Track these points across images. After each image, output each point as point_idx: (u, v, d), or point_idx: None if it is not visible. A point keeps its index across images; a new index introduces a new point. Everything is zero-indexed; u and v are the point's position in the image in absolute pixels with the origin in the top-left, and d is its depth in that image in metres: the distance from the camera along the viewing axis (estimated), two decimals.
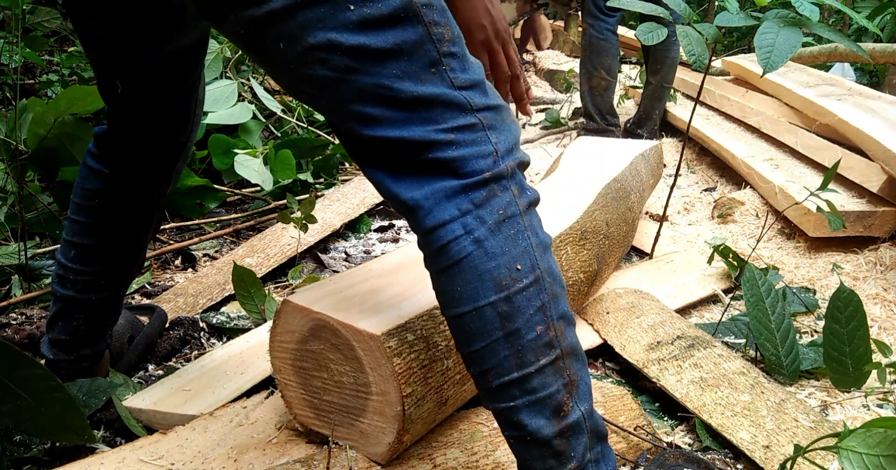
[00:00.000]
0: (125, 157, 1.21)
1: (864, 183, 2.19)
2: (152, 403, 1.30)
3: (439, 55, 0.80)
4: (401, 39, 0.77)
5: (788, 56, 1.43)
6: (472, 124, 0.82)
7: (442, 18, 0.81)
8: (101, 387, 1.29)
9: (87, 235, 1.24)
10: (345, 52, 0.76)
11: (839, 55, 3.58)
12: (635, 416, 1.31)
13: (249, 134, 2.71)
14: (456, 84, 0.82)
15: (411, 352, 1.01)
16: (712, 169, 3.08)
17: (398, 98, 0.79)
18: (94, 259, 1.25)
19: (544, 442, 0.85)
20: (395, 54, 0.78)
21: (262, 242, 2.10)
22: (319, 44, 0.75)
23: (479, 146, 0.82)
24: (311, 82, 0.80)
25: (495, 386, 0.84)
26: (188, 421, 1.23)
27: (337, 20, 0.75)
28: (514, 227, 0.83)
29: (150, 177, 1.24)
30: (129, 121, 1.17)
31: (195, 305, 1.77)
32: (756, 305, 1.50)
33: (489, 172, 0.82)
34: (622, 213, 1.89)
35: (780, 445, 1.18)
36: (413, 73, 0.79)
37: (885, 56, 3.22)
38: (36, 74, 2.94)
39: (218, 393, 1.33)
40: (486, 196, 0.82)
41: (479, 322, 0.82)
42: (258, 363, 1.42)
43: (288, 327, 1.08)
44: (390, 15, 0.76)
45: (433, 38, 0.80)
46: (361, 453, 1.07)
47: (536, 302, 0.84)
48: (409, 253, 1.32)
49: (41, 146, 2.07)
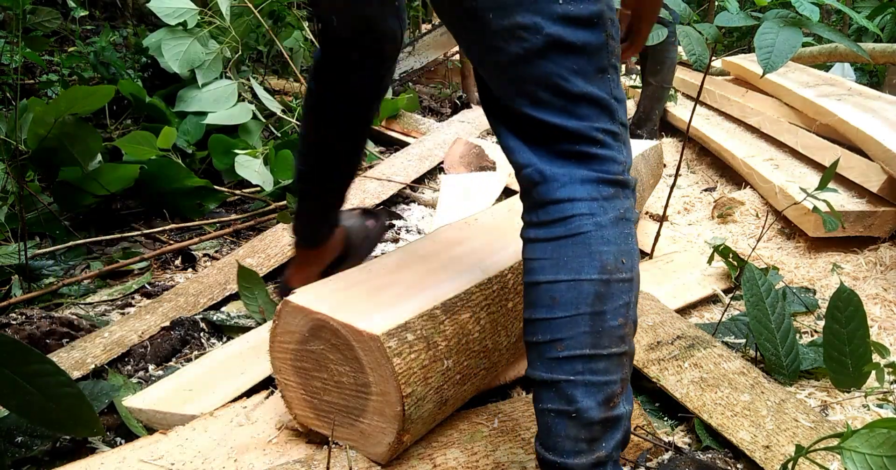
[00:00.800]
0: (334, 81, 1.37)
1: (864, 183, 2.19)
2: (152, 402, 1.30)
3: (608, 64, 0.91)
4: (588, 40, 0.88)
5: (788, 56, 1.43)
6: (615, 133, 0.93)
7: (617, 36, 0.93)
8: (103, 389, 1.29)
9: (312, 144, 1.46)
10: (543, 37, 0.86)
11: (839, 55, 3.58)
12: (635, 416, 1.31)
13: (249, 134, 2.71)
14: (613, 94, 0.93)
15: (411, 352, 1.01)
16: (712, 169, 3.08)
17: (568, 90, 0.89)
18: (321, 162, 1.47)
19: (587, 423, 0.89)
20: (579, 51, 0.88)
21: (263, 243, 2.10)
22: (525, 24, 0.86)
23: (616, 153, 0.93)
24: (501, 55, 0.89)
25: (562, 356, 0.89)
26: (188, 421, 1.23)
27: (547, 8, 0.85)
28: (627, 229, 0.93)
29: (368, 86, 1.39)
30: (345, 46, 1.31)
31: (196, 305, 1.77)
32: (756, 305, 1.50)
33: (620, 177, 0.93)
34: None
35: (780, 445, 1.18)
36: (586, 72, 0.89)
37: (885, 56, 3.22)
38: (36, 74, 2.94)
39: (218, 393, 1.34)
40: (613, 194, 0.92)
41: (574, 293, 0.88)
42: (258, 363, 1.42)
43: (288, 328, 1.08)
44: (588, 17, 0.87)
45: (609, 49, 0.91)
46: (361, 453, 1.07)
47: (626, 297, 0.91)
48: (409, 252, 1.32)
49: (41, 146, 2.07)
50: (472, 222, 1.53)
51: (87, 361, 1.47)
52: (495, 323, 1.22)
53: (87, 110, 2.09)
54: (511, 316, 1.27)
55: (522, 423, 1.20)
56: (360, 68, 1.34)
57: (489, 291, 1.21)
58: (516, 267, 1.31)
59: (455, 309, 1.12)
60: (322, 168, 1.48)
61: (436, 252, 1.32)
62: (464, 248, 1.36)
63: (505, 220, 1.56)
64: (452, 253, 1.33)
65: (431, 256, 1.30)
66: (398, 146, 3.41)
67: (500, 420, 1.19)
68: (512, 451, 1.13)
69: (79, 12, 2.75)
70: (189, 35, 2.63)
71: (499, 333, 1.23)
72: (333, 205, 1.56)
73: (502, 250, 1.36)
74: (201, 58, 2.66)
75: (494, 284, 1.23)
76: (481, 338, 1.17)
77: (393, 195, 2.63)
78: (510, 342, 1.28)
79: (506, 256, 1.33)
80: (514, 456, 1.12)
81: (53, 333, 1.59)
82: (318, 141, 1.45)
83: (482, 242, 1.41)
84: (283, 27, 3.32)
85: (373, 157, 3.20)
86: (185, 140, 2.57)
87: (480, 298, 1.19)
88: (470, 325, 1.14)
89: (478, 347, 1.17)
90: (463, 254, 1.32)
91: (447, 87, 4.47)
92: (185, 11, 2.62)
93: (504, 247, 1.38)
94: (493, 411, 1.23)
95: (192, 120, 2.60)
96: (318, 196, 1.53)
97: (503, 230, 1.49)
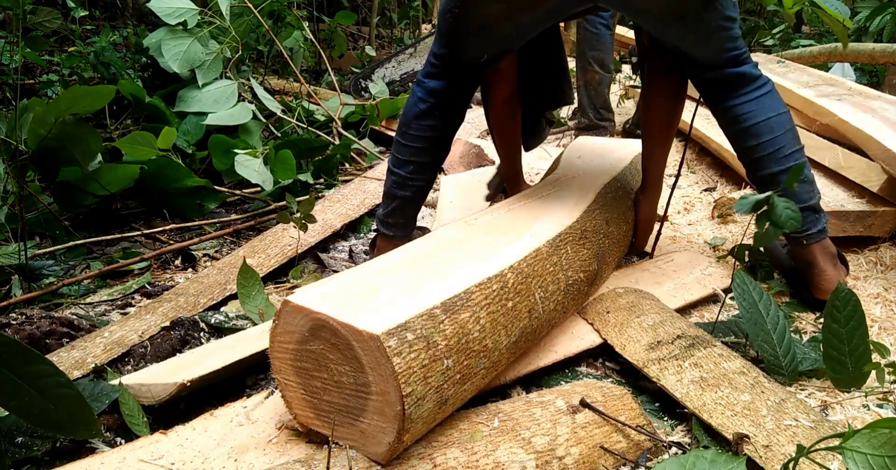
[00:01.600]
0: (458, 105, 1.80)
1: (864, 183, 2.19)
2: (138, 378, 1.34)
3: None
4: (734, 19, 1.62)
5: None
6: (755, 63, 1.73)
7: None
8: (103, 389, 1.29)
9: (423, 155, 1.80)
10: (733, 21, 1.61)
11: (839, 55, 3.58)
12: (635, 415, 1.31)
13: (249, 134, 2.71)
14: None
15: (411, 351, 1.01)
16: (712, 169, 3.08)
17: (740, 47, 1.67)
18: (426, 170, 1.83)
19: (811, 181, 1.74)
20: (735, 23, 1.62)
21: (263, 243, 2.10)
22: (729, 15, 1.59)
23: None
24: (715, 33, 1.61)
25: (787, 153, 1.67)
26: (171, 389, 1.28)
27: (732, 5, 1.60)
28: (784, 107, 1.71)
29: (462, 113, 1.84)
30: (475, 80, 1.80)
31: (196, 305, 1.77)
32: (750, 309, 1.51)
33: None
34: (622, 212, 1.89)
35: (780, 444, 1.18)
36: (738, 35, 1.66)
37: (885, 56, 3.22)
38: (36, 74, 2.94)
39: (203, 366, 1.36)
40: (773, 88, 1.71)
41: (781, 121, 1.67)
42: (248, 346, 1.45)
43: (288, 327, 1.08)
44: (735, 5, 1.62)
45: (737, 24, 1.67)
46: (362, 453, 1.07)
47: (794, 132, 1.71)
48: (408, 252, 1.32)
49: (41, 146, 2.07)
50: (472, 222, 1.53)
51: (87, 360, 1.48)
52: (495, 323, 1.22)
53: (87, 110, 2.09)
54: (511, 315, 1.27)
55: (522, 422, 1.20)
56: (475, 87, 1.81)
57: (489, 290, 1.21)
58: (516, 266, 1.31)
59: (455, 308, 1.12)
60: (423, 175, 1.83)
61: (435, 252, 1.33)
62: (463, 248, 1.36)
63: (505, 221, 1.56)
64: (452, 253, 1.33)
65: (431, 256, 1.30)
66: None
67: (500, 420, 1.19)
68: (512, 450, 1.13)
69: (79, 12, 2.75)
70: (189, 35, 2.64)
71: (499, 332, 1.23)
72: (421, 202, 1.91)
73: (502, 250, 1.36)
74: (201, 58, 2.66)
75: (494, 284, 1.23)
76: (481, 337, 1.17)
77: None
78: (510, 342, 1.28)
79: (505, 256, 1.33)
80: (514, 456, 1.12)
81: (53, 333, 1.59)
82: (429, 151, 1.81)
83: (482, 241, 1.41)
84: (283, 27, 3.32)
85: (372, 157, 3.19)
86: (185, 140, 2.57)
87: (480, 298, 1.19)
88: (470, 324, 1.14)
89: (478, 346, 1.17)
90: (462, 253, 1.32)
91: None
92: (185, 11, 2.62)
93: (504, 246, 1.38)
94: (493, 411, 1.22)
95: (192, 120, 2.61)
96: (415, 197, 1.86)
97: (503, 230, 1.49)
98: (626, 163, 2.08)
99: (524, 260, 1.34)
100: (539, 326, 1.41)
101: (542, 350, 1.55)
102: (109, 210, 2.35)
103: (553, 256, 1.46)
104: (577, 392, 1.31)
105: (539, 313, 1.39)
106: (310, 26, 3.46)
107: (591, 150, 2.24)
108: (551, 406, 1.25)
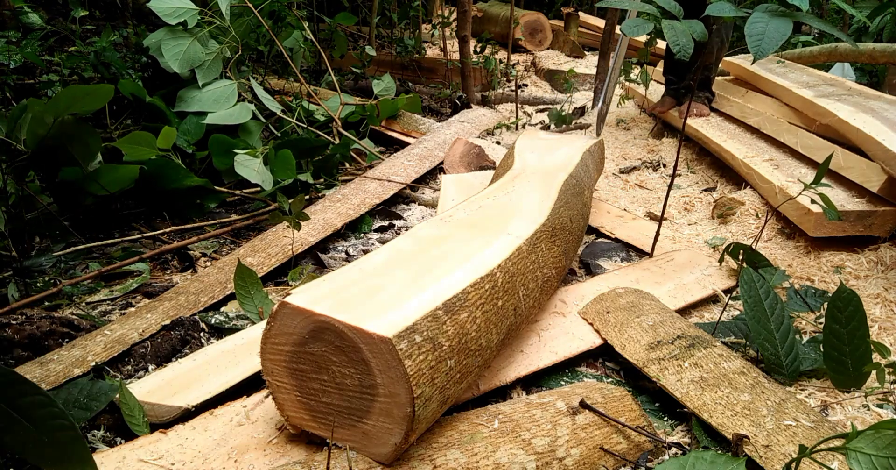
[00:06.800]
0: None
1: (864, 183, 2.19)
2: (143, 393, 1.32)
3: None
4: None
5: (779, 44, 1.47)
6: None
7: None
8: (101, 389, 1.29)
9: None
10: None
11: (839, 55, 3.58)
12: (636, 417, 1.31)
13: (249, 134, 2.71)
14: None
15: (419, 353, 1.01)
16: (712, 169, 3.08)
17: None
18: None
19: None
20: None
21: (264, 242, 2.10)
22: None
23: None
24: None
25: None
26: (175, 412, 1.27)
27: None
28: None
29: None
30: None
31: (197, 303, 1.77)
32: (754, 307, 1.50)
33: None
34: (580, 208, 1.93)
35: (780, 444, 1.18)
36: None
37: (885, 56, 3.22)
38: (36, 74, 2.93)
39: (206, 386, 1.35)
40: None
41: None
42: (250, 359, 1.43)
43: (285, 329, 1.07)
44: None
45: None
46: (363, 454, 1.07)
47: None
48: (395, 251, 1.32)
49: (41, 146, 2.06)
50: (448, 219, 1.54)
51: (87, 358, 1.47)
52: (488, 322, 1.22)
53: (86, 110, 2.09)
54: (500, 314, 1.27)
55: (523, 424, 1.20)
56: None
57: (482, 290, 1.22)
58: (503, 265, 1.31)
59: (455, 309, 1.12)
60: None
61: (421, 250, 1.32)
62: (448, 245, 1.36)
63: (479, 218, 1.56)
64: (438, 251, 1.32)
65: (418, 255, 1.30)
66: (398, 146, 3.40)
67: (500, 421, 1.19)
68: (512, 451, 1.13)
69: (79, 12, 2.74)
70: (189, 35, 2.63)
71: (491, 330, 1.23)
72: None
73: (486, 248, 1.36)
74: (201, 58, 2.66)
75: (486, 283, 1.23)
76: (477, 336, 1.18)
77: (393, 195, 2.63)
78: (499, 339, 1.29)
79: (491, 255, 1.33)
80: (514, 457, 1.12)
81: (54, 333, 1.59)
82: None
83: (462, 238, 1.41)
84: (283, 27, 3.31)
85: (372, 157, 3.19)
86: (185, 140, 2.56)
87: (475, 298, 1.19)
88: (468, 324, 1.15)
89: (474, 345, 1.17)
90: (448, 251, 1.32)
91: (447, 87, 4.47)
92: (185, 11, 2.62)
93: (486, 244, 1.38)
94: (493, 412, 1.22)
95: (192, 120, 2.60)
96: None
97: (480, 227, 1.49)
98: (578, 159, 2.13)
99: (510, 259, 1.35)
100: (520, 324, 1.42)
101: (542, 351, 1.55)
102: (109, 210, 2.35)
103: (532, 254, 1.47)
104: (577, 393, 1.31)
105: (522, 310, 1.40)
106: (310, 26, 3.46)
107: (543, 146, 2.28)
108: (551, 407, 1.25)
